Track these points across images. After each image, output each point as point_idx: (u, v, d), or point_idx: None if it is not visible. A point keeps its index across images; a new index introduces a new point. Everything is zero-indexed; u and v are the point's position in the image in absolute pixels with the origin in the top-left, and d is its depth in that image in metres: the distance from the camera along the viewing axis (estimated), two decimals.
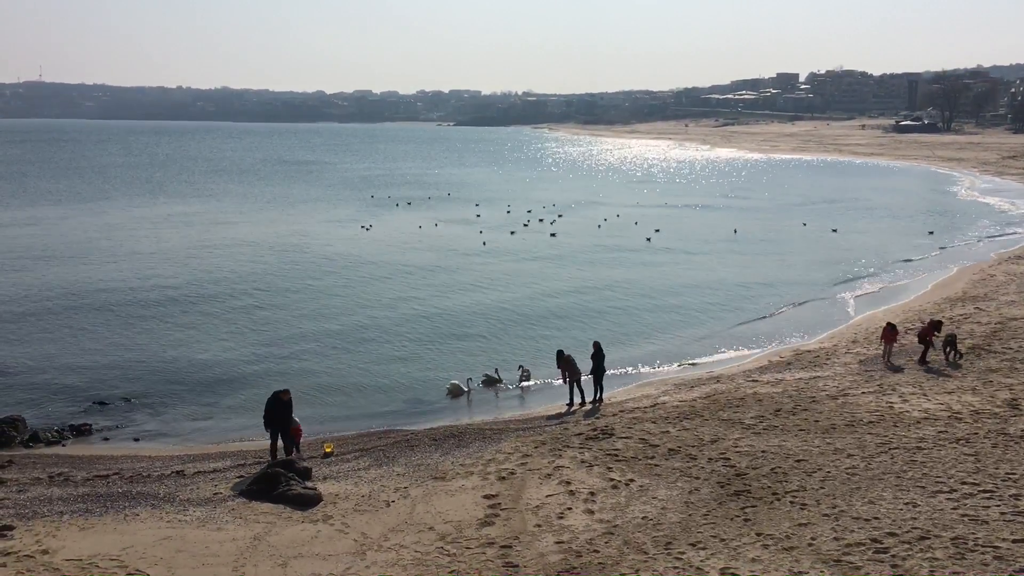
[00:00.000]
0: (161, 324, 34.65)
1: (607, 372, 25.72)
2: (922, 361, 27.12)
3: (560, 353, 25.40)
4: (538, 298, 40.24)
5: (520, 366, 28.40)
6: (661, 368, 29.43)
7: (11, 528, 16.25)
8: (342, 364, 29.74)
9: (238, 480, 19.33)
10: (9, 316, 35.52)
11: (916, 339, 28.10)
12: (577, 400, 24.99)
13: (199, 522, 16.85)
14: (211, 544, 15.77)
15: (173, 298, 39.26)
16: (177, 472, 20.04)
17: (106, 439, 23.20)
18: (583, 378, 25.22)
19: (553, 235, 60.67)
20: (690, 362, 30.01)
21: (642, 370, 29.22)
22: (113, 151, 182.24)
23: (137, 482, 19.33)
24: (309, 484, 18.63)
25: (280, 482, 18.35)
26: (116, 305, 37.74)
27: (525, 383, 27.75)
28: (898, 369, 26.69)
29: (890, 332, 27.59)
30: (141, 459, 21.33)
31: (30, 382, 27.48)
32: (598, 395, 25.19)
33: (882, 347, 27.87)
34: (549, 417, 23.99)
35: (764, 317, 36.56)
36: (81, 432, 23.40)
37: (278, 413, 20.63)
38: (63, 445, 22.62)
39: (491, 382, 27.75)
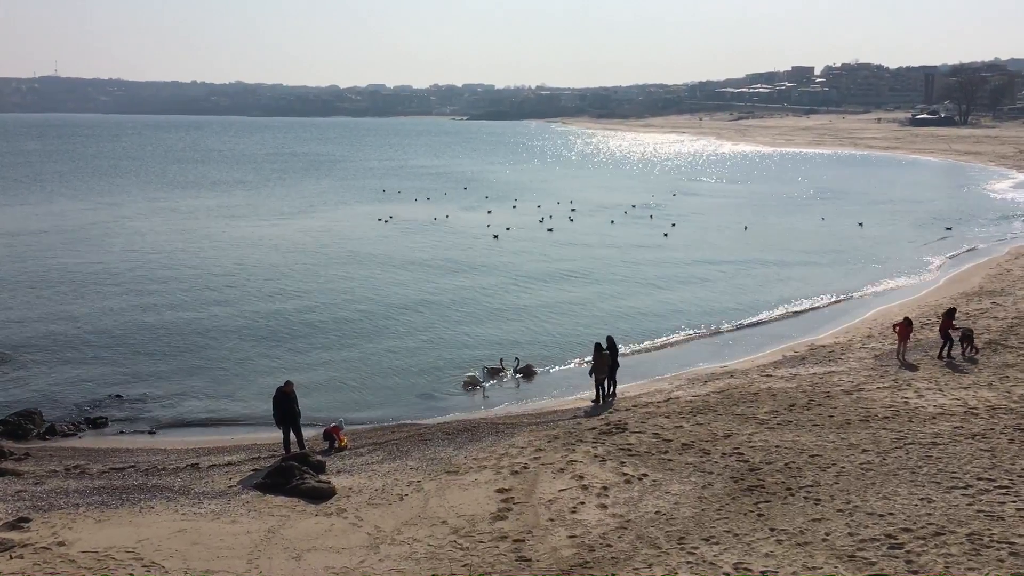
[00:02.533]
0: (176, 317, 34.80)
1: (620, 367, 25.64)
2: (941, 356, 26.91)
3: (598, 347, 25.01)
4: (551, 292, 40.19)
5: (516, 358, 28.44)
6: (674, 363, 29.33)
7: (28, 520, 16.40)
8: (355, 358, 29.81)
9: (252, 473, 19.44)
10: (26, 310, 35.75)
11: (939, 334, 27.76)
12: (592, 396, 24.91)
13: (214, 515, 16.96)
14: (226, 537, 15.87)
15: (188, 291, 39.44)
16: (192, 465, 20.16)
17: (122, 432, 23.35)
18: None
19: (550, 230, 60.33)
20: (703, 356, 29.92)
21: (655, 365, 29.15)
22: (128, 145, 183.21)
23: (152, 475, 19.47)
24: (323, 478, 18.72)
25: (294, 475, 18.44)
26: (131, 299, 37.92)
27: (524, 376, 27.78)
28: (913, 365, 26.54)
29: (906, 327, 27.37)
30: (156, 452, 21.47)
31: (46, 375, 27.68)
32: (611, 390, 25.12)
33: (896, 343, 27.65)
34: (562, 411, 23.97)
35: (778, 311, 36.37)
36: (97, 425, 23.56)
37: (285, 406, 20.75)
38: (79, 438, 22.78)
39: (495, 373, 27.87)
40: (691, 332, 33.14)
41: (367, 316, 35.45)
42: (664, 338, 32.35)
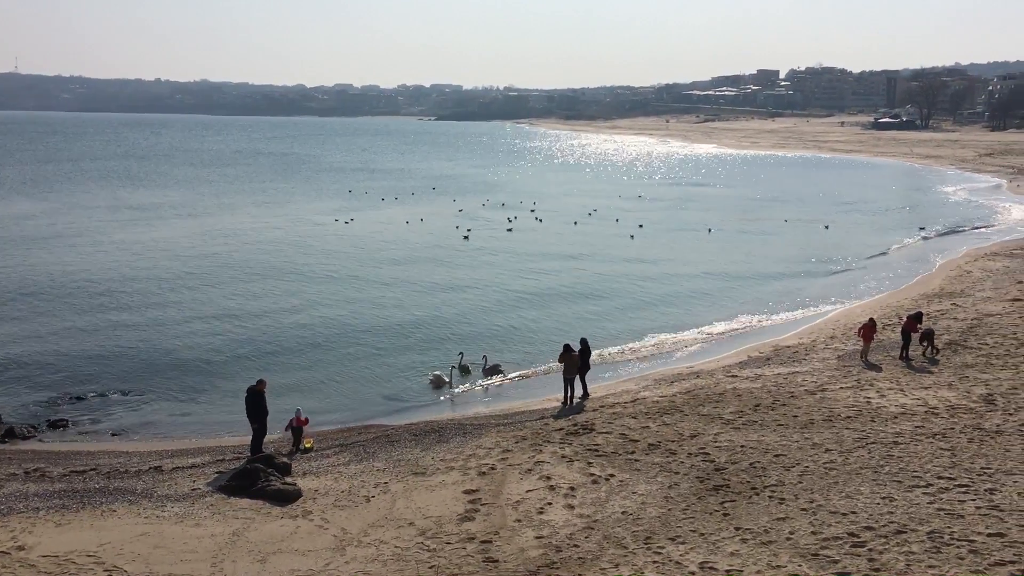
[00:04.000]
0: (139, 318, 34.36)
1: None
2: (903, 356, 27.26)
3: (567, 347, 24.96)
4: (519, 293, 40.22)
5: (484, 357, 28.46)
6: (641, 363, 29.49)
7: None
8: (321, 359, 29.61)
9: (217, 475, 19.24)
10: None
11: (900, 335, 28.15)
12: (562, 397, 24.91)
13: (177, 518, 16.76)
14: (189, 540, 15.69)
15: (151, 292, 38.96)
16: (155, 468, 19.91)
17: (83, 434, 23.00)
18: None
19: (509, 230, 60.42)
20: (670, 357, 30.12)
21: (622, 365, 29.28)
22: (91, 144, 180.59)
23: (114, 478, 19.20)
24: (289, 480, 18.57)
25: (259, 478, 18.27)
26: (93, 299, 37.41)
27: (492, 376, 27.78)
28: (875, 365, 26.88)
29: (870, 328, 27.69)
30: (118, 454, 21.17)
31: (5, 376, 27.16)
32: (582, 391, 25.12)
33: (860, 344, 27.96)
34: (530, 412, 23.99)
35: (743, 312, 36.66)
36: (57, 427, 23.18)
37: (259, 404, 20.63)
38: (39, 440, 22.40)
39: (465, 371, 27.87)
40: (657, 333, 33.29)
41: (332, 317, 35.22)
42: (631, 338, 32.47)
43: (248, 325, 33.69)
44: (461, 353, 28.56)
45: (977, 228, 62.30)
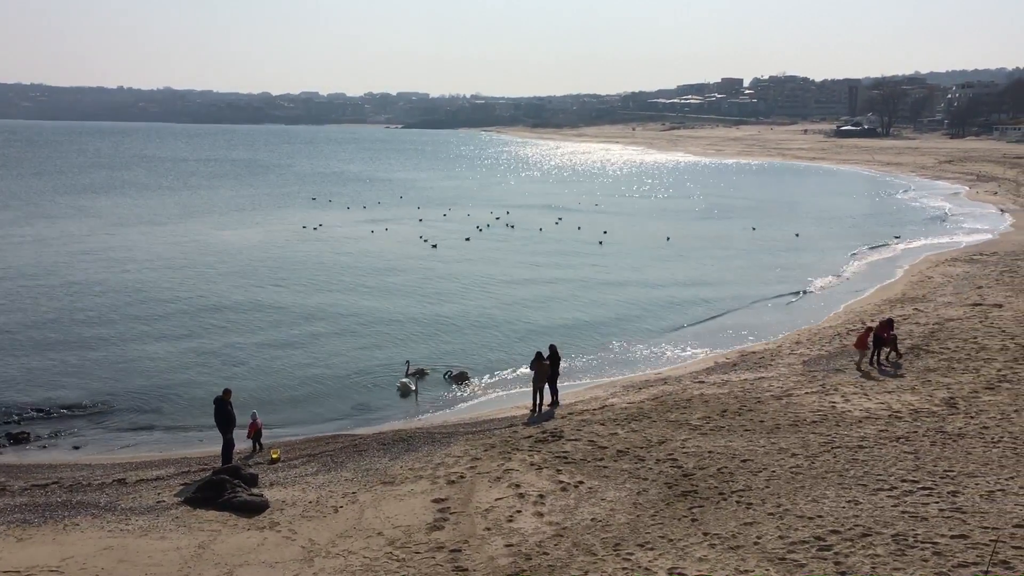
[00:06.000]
0: (101, 329, 33.87)
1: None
2: (875, 362, 27.49)
3: (539, 355, 24.96)
4: (488, 300, 40.20)
5: (448, 370, 28.45)
6: (609, 370, 29.58)
7: None
8: (287, 369, 29.37)
9: (182, 487, 19.01)
10: None
11: (872, 340, 28.31)
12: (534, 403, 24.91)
13: (142, 531, 16.54)
14: (154, 553, 15.48)
15: (112, 303, 38.41)
16: (119, 480, 19.63)
17: (44, 447, 22.63)
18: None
19: (467, 240, 60.28)
20: (637, 364, 30.25)
21: (590, 372, 29.35)
22: (52, 152, 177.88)
23: (77, 491, 18.90)
24: (255, 491, 18.39)
25: (225, 489, 18.08)
26: (53, 311, 36.80)
27: (460, 384, 27.79)
28: (840, 370, 27.17)
29: (866, 335, 27.69)
30: (81, 468, 20.85)
31: None
32: (553, 399, 25.13)
33: (857, 354, 27.63)
34: (499, 420, 23.98)
35: (710, 319, 36.95)
36: (18, 440, 22.77)
37: (226, 414, 20.48)
38: None
39: (421, 375, 27.94)
40: (625, 339, 33.42)
41: (298, 326, 34.97)
42: (599, 344, 32.57)
43: (212, 335, 33.35)
44: (408, 361, 28.50)
45: (938, 234, 63.23)
